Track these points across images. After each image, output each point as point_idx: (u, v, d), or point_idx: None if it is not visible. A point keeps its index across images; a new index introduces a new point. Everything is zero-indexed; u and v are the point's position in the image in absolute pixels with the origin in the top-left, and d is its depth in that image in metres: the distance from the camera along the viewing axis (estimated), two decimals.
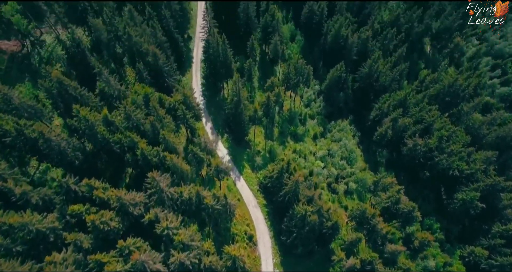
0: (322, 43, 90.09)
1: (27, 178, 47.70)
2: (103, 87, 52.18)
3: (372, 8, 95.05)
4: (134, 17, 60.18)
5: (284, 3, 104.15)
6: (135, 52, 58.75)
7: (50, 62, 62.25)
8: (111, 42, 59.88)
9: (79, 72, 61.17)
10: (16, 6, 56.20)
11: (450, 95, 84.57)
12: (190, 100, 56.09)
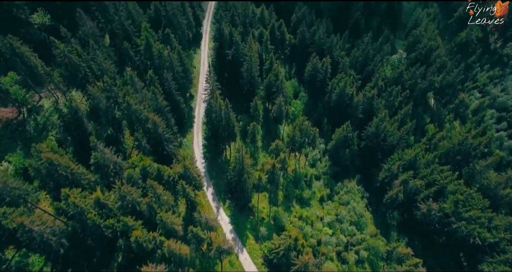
0: (326, 101, 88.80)
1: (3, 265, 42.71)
2: (98, 160, 48.76)
3: (375, 65, 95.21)
4: (134, 83, 58.59)
5: (287, 59, 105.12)
6: (134, 119, 56.27)
7: (46, 128, 59.67)
8: (109, 108, 57.69)
9: (74, 139, 58.49)
10: (16, 76, 55.04)
11: (461, 153, 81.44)
12: (191, 172, 52.46)
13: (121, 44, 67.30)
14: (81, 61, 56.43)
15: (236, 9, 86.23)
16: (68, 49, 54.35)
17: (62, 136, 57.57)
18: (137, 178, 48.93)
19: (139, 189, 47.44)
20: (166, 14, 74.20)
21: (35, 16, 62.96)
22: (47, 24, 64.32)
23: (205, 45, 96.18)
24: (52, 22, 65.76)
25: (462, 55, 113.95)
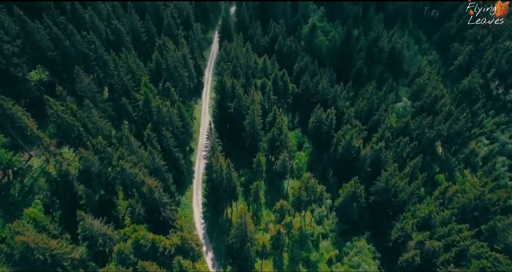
0: (332, 153, 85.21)
1: None
2: (86, 232, 43.87)
3: (381, 115, 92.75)
4: (130, 143, 55.12)
5: (290, 108, 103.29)
6: (128, 183, 52.09)
7: (32, 190, 55.33)
8: (102, 171, 53.75)
9: (63, 202, 54.06)
10: (3, 138, 51.95)
11: (479, 209, 76.39)
12: (189, 242, 47.30)
13: (120, 100, 64.90)
14: (75, 120, 53.42)
15: (238, 59, 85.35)
16: (62, 109, 51.53)
17: (49, 200, 53.10)
18: (128, 253, 43.72)
19: (130, 267, 42.07)
20: (167, 67, 72.76)
21: (33, 73, 61.20)
22: (45, 80, 62.37)
23: (207, 95, 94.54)
24: (50, 78, 63.99)
25: (466, 101, 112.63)
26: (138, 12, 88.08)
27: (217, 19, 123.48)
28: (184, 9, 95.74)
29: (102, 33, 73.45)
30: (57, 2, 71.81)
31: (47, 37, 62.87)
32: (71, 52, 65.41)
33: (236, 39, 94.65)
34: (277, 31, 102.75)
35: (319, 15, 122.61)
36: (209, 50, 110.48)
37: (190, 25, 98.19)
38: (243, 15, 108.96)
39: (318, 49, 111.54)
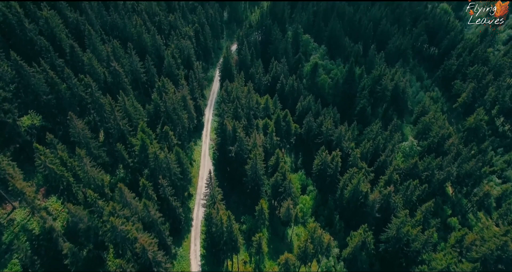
0: (338, 198, 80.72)
1: None
2: None
3: (388, 155, 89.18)
4: (123, 196, 51.00)
5: (293, 148, 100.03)
6: (119, 240, 47.37)
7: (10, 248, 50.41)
8: (91, 226, 49.25)
9: (45, 262, 49.17)
10: None
11: (502, 261, 70.48)
12: None
13: (115, 145, 61.64)
14: (64, 171, 49.74)
15: (239, 100, 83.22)
16: (50, 160, 47.99)
17: (29, 259, 48.12)
18: None
19: None
20: (166, 110, 70.20)
21: (25, 118, 58.32)
22: (37, 125, 59.46)
23: (207, 135, 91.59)
24: (43, 122, 61.14)
25: (473, 139, 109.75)
26: (139, 52, 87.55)
27: (218, 57, 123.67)
28: (185, 49, 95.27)
29: (101, 75, 71.71)
30: (57, 46, 70.84)
31: (43, 81, 60.78)
32: (66, 95, 63.04)
33: (237, 78, 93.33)
34: (278, 70, 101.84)
35: (321, 53, 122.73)
36: (209, 89, 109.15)
37: (191, 64, 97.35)
38: (244, 54, 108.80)
39: (320, 87, 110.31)
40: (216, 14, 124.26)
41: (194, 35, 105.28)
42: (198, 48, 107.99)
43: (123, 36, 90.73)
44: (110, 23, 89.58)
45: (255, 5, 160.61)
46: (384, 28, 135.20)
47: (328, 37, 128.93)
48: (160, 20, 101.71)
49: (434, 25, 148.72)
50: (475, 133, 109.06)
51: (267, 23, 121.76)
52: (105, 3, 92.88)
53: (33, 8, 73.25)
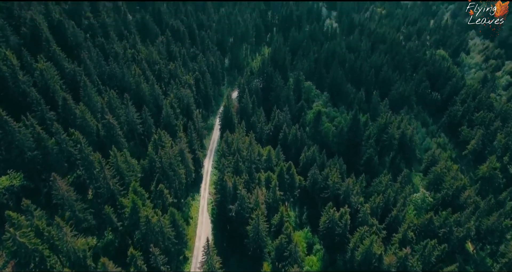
0: (348, 260, 72.94)
1: None
2: None
3: (399, 210, 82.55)
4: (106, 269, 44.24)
5: (297, 201, 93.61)
6: None
7: None
8: None
9: None
10: None
11: None
12: None
13: (103, 207, 55.79)
14: (39, 243, 43.44)
15: (240, 152, 78.59)
16: (22, 232, 41.93)
17: None
18: None
19: None
20: (161, 166, 65.20)
21: (3, 179, 53.22)
22: (17, 185, 54.15)
23: (205, 189, 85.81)
24: (24, 182, 55.87)
25: (487, 188, 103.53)
26: (137, 102, 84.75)
27: (219, 104, 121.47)
28: (184, 98, 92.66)
29: (93, 129, 67.76)
30: (50, 98, 67.84)
31: (29, 136, 56.58)
32: (54, 151, 58.48)
33: (238, 128, 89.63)
34: (281, 118, 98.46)
35: (323, 100, 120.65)
36: (209, 138, 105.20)
37: (191, 113, 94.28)
38: (245, 102, 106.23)
39: (324, 135, 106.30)
40: (217, 61, 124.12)
41: (194, 83, 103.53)
42: (198, 96, 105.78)
43: (121, 85, 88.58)
44: (109, 72, 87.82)
45: (256, 52, 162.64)
46: (385, 75, 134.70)
47: (330, 84, 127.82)
48: (160, 69, 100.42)
49: (435, 71, 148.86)
50: (490, 182, 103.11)
51: (268, 70, 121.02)
52: (105, 54, 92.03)
53: (30, 60, 71.56)
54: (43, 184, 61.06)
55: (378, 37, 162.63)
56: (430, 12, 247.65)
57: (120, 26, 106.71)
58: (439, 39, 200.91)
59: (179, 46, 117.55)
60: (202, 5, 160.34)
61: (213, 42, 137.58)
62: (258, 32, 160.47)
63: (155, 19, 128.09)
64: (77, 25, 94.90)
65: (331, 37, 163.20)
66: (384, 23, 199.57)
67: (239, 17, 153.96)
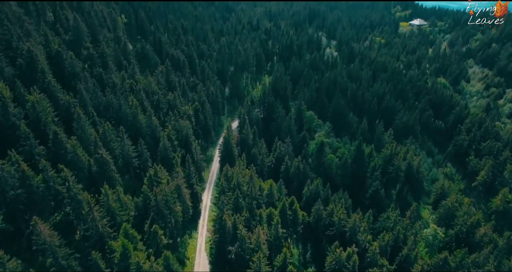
0: None
1: None
2: None
3: (410, 249, 77.01)
4: None
5: (301, 237, 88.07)
6: None
7: None
8: None
9: None
10: None
11: None
12: None
13: (90, 252, 50.92)
14: None
15: (240, 187, 74.37)
16: None
17: None
18: None
19: None
20: (156, 205, 60.84)
21: None
22: None
23: (204, 225, 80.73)
24: (3, 225, 51.43)
25: (503, 223, 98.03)
26: (133, 134, 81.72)
27: (219, 134, 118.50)
28: (183, 130, 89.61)
29: (85, 164, 63.99)
30: (41, 131, 64.62)
31: (14, 174, 52.70)
32: (39, 190, 54.39)
33: (238, 162, 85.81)
34: (282, 150, 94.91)
35: (326, 131, 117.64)
36: (209, 170, 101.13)
37: (189, 144, 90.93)
38: (246, 132, 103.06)
39: (327, 167, 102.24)
40: (218, 91, 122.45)
41: (193, 114, 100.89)
42: (197, 127, 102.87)
43: (117, 117, 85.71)
44: (105, 103, 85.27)
45: (256, 80, 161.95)
46: (388, 104, 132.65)
47: (332, 113, 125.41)
48: (159, 99, 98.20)
49: (437, 99, 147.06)
50: (504, 217, 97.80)
51: (269, 100, 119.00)
52: (103, 84, 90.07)
53: (23, 92, 69.11)
54: (25, 225, 56.34)
55: (379, 66, 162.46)
56: (427, 41, 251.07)
57: (120, 56, 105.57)
58: (439, 67, 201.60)
59: (178, 76, 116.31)
60: (203, 35, 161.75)
61: (214, 72, 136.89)
62: (259, 61, 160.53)
63: (155, 49, 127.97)
64: (76, 55, 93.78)
65: (332, 66, 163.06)
66: (383, 52, 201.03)
67: (239, 46, 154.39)
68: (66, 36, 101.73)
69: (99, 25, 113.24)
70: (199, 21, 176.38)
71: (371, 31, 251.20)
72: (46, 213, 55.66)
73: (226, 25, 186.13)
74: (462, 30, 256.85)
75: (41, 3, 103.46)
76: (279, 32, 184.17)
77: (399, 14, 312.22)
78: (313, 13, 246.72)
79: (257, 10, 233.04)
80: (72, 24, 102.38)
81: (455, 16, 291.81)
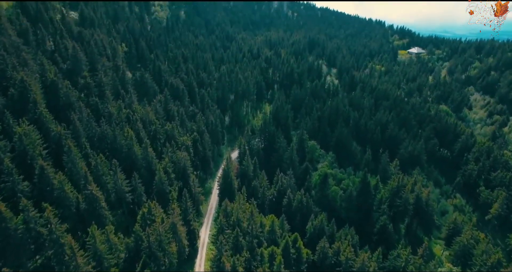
0: None
1: None
2: None
3: None
4: None
5: None
6: None
7: None
8: None
9: None
10: None
11: None
12: None
13: None
14: None
15: (240, 224, 69.18)
16: None
17: None
18: None
19: None
20: (149, 246, 55.59)
21: None
22: None
23: (201, 265, 74.37)
24: None
25: None
26: (128, 166, 77.61)
27: (218, 165, 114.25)
28: (180, 161, 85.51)
29: (72, 201, 59.36)
30: (27, 165, 60.56)
31: None
32: (18, 232, 49.45)
33: (238, 196, 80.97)
34: (284, 183, 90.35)
35: (329, 161, 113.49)
36: (207, 204, 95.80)
37: (187, 177, 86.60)
38: (246, 164, 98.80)
39: (331, 200, 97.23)
40: (217, 120, 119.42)
41: (192, 145, 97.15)
42: (195, 158, 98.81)
43: (112, 148, 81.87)
44: (99, 134, 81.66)
45: (257, 109, 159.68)
46: (392, 133, 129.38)
47: (335, 143, 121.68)
48: (156, 129, 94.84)
49: (441, 127, 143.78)
50: None
51: (270, 130, 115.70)
52: (98, 114, 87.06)
53: (11, 123, 65.77)
54: None
55: (381, 94, 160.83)
56: (427, 69, 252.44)
57: (117, 85, 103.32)
58: (440, 94, 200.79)
59: (177, 105, 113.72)
60: (203, 63, 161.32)
61: (213, 100, 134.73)
62: (259, 89, 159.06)
63: (154, 78, 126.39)
64: (73, 84, 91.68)
65: (333, 94, 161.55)
66: (384, 80, 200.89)
67: (240, 74, 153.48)
68: (64, 65, 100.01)
69: (98, 54, 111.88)
70: (200, 49, 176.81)
71: (371, 59, 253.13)
72: (24, 257, 50.35)
73: (226, 53, 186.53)
74: (460, 58, 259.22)
75: (41, 33, 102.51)
76: (279, 60, 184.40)
77: (397, 42, 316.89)
78: (313, 42, 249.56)
79: (257, 39, 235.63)
80: (71, 53, 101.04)
81: (451, 45, 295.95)
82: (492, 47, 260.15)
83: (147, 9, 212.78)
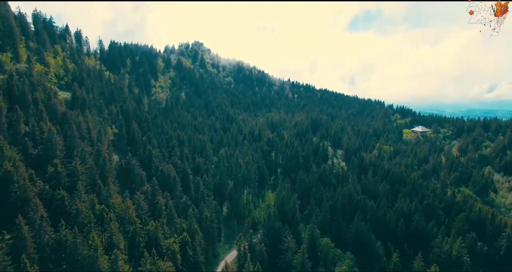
0: None
1: None
2: None
3: None
4: None
5: None
6: None
7: None
8: None
9: None
10: None
11: None
12: None
13: None
14: None
15: None
16: None
17: None
18: None
19: None
20: None
21: None
22: None
23: None
24: None
25: None
26: None
27: (213, 269, 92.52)
28: None
29: None
30: None
31: None
32: None
33: None
34: None
35: (348, 264, 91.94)
36: None
37: None
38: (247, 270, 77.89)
39: None
40: (213, 215, 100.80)
41: (179, 250, 77.75)
42: (183, 266, 78.35)
43: (71, 260, 62.90)
44: (53, 244, 63.41)
45: (259, 196, 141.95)
46: (419, 226, 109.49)
47: (353, 240, 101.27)
48: (135, 230, 76.67)
49: (474, 217, 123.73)
50: None
51: (275, 226, 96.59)
52: (61, 214, 70.10)
53: None
54: None
55: (396, 178, 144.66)
56: (437, 148, 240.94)
57: (95, 174, 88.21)
58: (459, 176, 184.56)
59: (166, 197, 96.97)
60: (200, 146, 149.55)
61: (210, 189, 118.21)
62: (261, 175, 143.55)
63: (143, 164, 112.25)
64: (40, 174, 77.23)
65: (342, 179, 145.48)
66: (395, 162, 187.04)
67: (240, 159, 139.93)
68: (34, 150, 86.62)
69: (80, 137, 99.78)
70: (198, 131, 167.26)
71: (377, 139, 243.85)
72: None
73: (226, 135, 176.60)
74: (470, 137, 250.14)
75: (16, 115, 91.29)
76: (282, 142, 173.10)
77: (400, 121, 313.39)
78: (316, 123, 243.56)
79: (259, 120, 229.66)
80: (46, 136, 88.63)
81: (455, 123, 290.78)
82: (498, 126, 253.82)
83: (147, 90, 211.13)
